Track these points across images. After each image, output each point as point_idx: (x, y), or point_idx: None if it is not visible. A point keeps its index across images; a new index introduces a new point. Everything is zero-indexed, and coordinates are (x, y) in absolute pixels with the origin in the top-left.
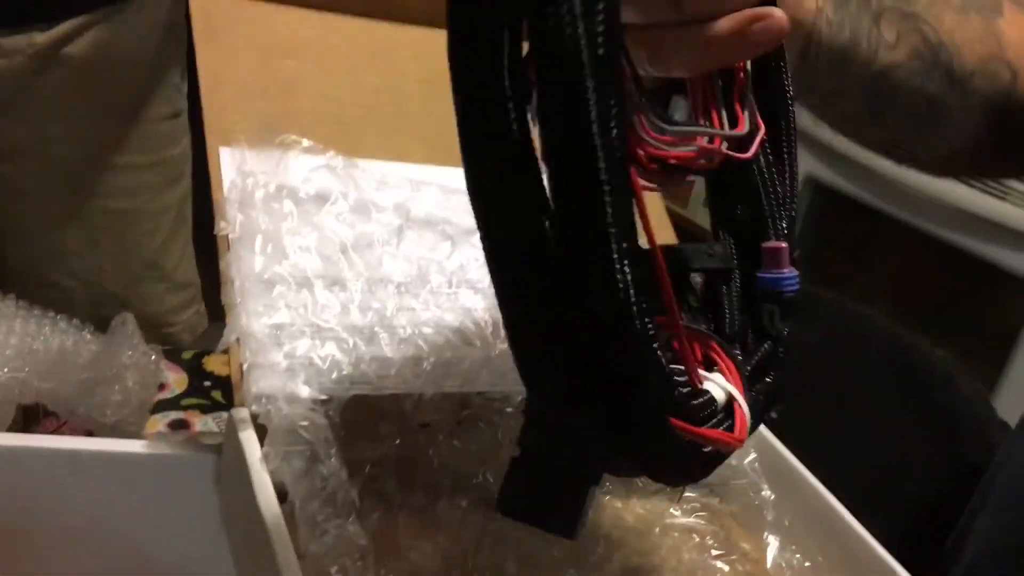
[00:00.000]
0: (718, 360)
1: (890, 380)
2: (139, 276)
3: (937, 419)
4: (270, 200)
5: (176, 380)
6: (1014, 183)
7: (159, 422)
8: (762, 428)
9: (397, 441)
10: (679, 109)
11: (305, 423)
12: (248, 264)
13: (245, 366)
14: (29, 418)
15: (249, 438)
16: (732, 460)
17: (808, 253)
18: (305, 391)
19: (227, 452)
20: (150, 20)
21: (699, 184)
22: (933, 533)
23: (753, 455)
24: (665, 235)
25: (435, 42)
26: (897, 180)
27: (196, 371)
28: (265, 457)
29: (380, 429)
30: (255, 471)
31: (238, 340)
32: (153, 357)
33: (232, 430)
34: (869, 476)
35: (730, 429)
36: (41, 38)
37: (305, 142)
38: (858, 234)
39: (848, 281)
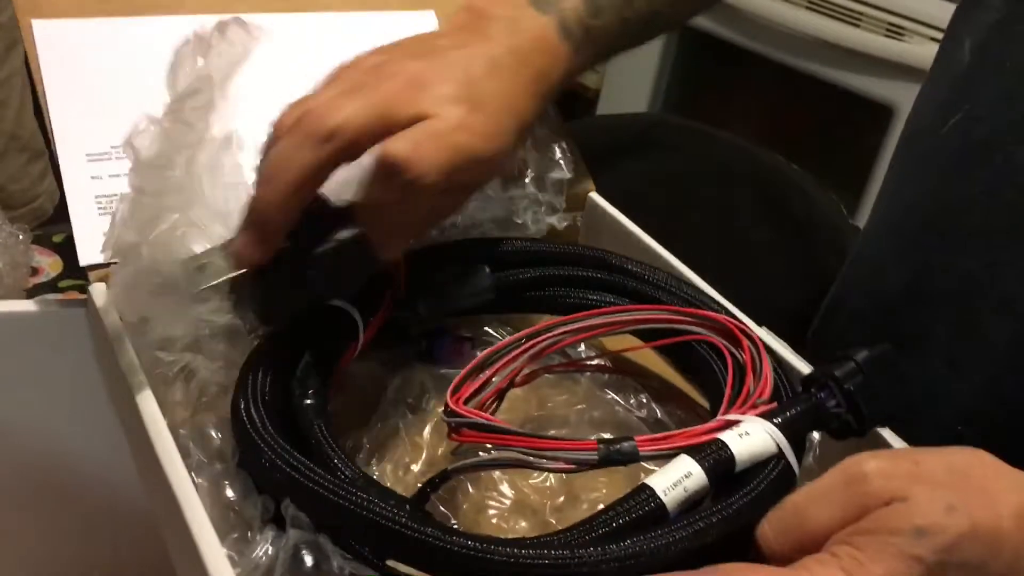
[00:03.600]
0: None
1: (751, 196)
2: (2, 150)
3: (794, 226)
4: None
5: (50, 264)
6: (866, 9)
7: None
8: None
9: None
10: None
11: None
12: None
13: None
14: None
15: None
16: None
17: (676, 92)
18: None
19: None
20: None
21: None
22: (793, 334)
23: None
24: None
25: None
26: (757, 16)
27: (69, 252)
28: None
29: None
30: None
31: None
32: (21, 237)
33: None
34: (732, 285)
35: None
36: None
37: None
38: (723, 72)
39: (715, 118)
